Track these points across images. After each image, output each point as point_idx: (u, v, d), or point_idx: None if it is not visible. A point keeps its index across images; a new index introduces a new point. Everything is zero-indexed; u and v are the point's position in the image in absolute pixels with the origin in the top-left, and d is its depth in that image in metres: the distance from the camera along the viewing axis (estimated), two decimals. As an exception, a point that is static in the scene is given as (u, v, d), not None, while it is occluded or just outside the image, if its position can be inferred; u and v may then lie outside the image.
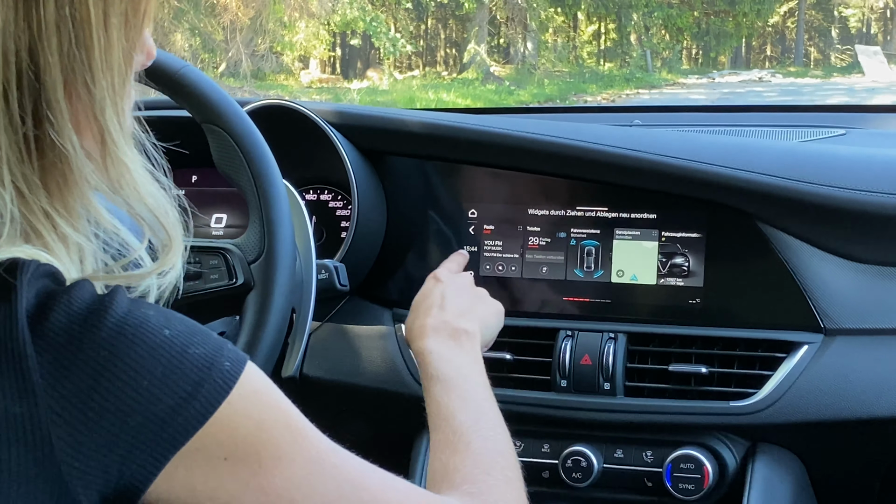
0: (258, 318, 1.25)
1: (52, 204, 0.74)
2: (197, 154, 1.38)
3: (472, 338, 1.24)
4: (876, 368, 1.39)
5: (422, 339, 1.23)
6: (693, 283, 1.51)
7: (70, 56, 0.72)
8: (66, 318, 0.69)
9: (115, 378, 0.69)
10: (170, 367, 0.71)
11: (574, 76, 23.03)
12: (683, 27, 28.02)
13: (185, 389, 0.71)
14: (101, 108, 0.74)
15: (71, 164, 0.73)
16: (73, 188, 0.75)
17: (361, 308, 1.65)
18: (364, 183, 1.59)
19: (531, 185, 1.60)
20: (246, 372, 0.75)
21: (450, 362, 1.18)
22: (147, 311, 0.73)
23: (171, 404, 0.70)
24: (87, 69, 0.73)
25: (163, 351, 0.71)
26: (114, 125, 0.75)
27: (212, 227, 1.74)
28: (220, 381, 0.73)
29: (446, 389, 1.14)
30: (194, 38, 17.05)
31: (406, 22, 24.12)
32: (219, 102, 1.29)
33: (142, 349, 0.70)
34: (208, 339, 0.75)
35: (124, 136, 0.77)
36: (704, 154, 1.49)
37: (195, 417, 0.71)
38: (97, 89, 0.73)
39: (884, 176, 1.46)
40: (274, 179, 1.29)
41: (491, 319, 1.35)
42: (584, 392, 1.48)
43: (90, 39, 0.72)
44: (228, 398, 0.73)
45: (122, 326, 0.70)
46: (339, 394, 1.60)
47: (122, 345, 0.69)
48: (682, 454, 1.43)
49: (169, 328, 0.72)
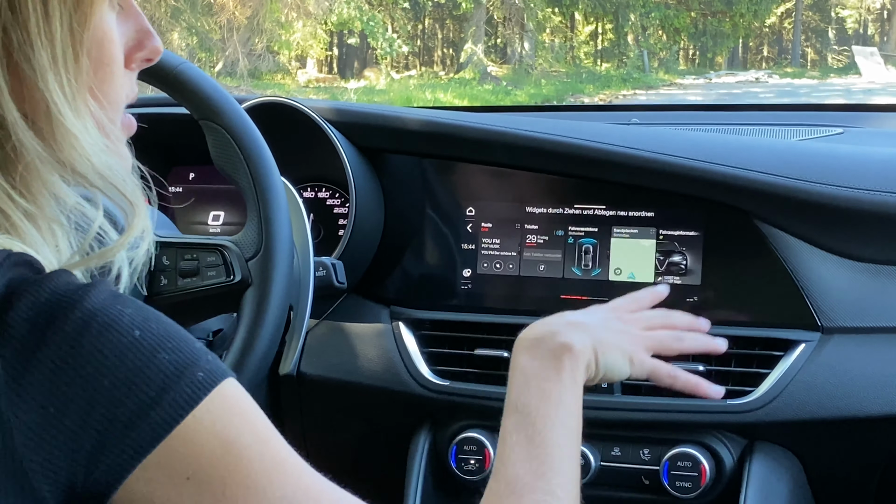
0: (256, 315, 1.25)
1: (11, 183, 0.73)
2: (195, 151, 1.38)
3: (575, 358, 1.05)
4: (873, 366, 1.40)
5: (519, 351, 1.07)
6: (691, 282, 1.51)
7: (5, 27, 0.71)
8: (32, 310, 0.66)
9: (76, 375, 0.66)
10: (133, 370, 0.67)
11: (571, 76, 23.03)
12: (680, 28, 28.03)
13: (149, 395, 0.67)
14: (43, 80, 0.72)
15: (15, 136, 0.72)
16: (28, 164, 0.74)
17: (359, 306, 1.64)
18: (362, 180, 1.59)
19: (529, 183, 1.60)
20: (222, 387, 0.71)
21: (536, 389, 1.02)
22: (123, 308, 0.69)
23: (133, 409, 0.67)
24: (25, 39, 0.71)
25: (128, 352, 0.67)
26: (58, 96, 0.73)
27: (209, 224, 1.74)
28: (187, 390, 0.69)
29: (520, 426, 0.98)
30: (191, 37, 17.04)
31: (403, 22, 24.10)
32: (217, 100, 1.29)
33: (106, 348, 0.67)
34: (184, 347, 0.70)
35: (74, 109, 0.75)
36: (702, 152, 1.49)
37: (159, 426, 0.67)
38: (36, 60, 0.72)
39: (881, 174, 1.46)
40: (272, 177, 1.28)
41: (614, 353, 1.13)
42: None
43: (26, 10, 0.71)
44: (194, 411, 0.69)
45: (89, 322, 0.67)
46: (337, 391, 1.60)
47: (85, 341, 0.67)
48: (679, 452, 1.43)
49: (141, 329, 0.69)
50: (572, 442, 0.99)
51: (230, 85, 14.95)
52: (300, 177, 1.70)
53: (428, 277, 1.64)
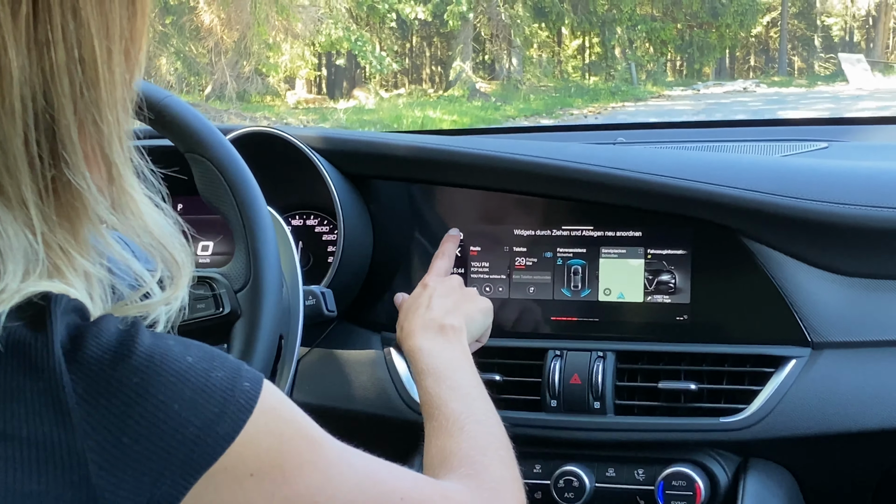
0: (246, 346, 1.24)
1: (69, 240, 0.76)
2: (182, 182, 1.38)
3: (458, 332, 1.33)
4: (864, 381, 1.40)
5: (411, 338, 1.32)
6: (680, 300, 1.51)
7: (81, 96, 0.73)
8: (98, 349, 0.71)
9: (147, 403, 0.71)
10: (197, 391, 0.74)
11: (560, 90, 23.11)
12: (667, 40, 28.16)
13: (213, 411, 0.74)
14: (108, 144, 0.76)
15: (84, 201, 0.75)
16: (86, 223, 0.77)
17: (350, 332, 1.64)
18: (349, 207, 1.59)
19: (517, 206, 1.60)
20: (265, 389, 0.79)
21: (439, 356, 1.27)
22: (167, 340, 0.76)
23: (200, 426, 0.73)
24: (96, 107, 0.74)
25: (189, 376, 0.74)
26: (120, 158, 0.77)
27: (198, 255, 1.74)
28: (242, 401, 0.76)
29: (437, 381, 1.22)
30: (179, 62, 17.06)
31: (391, 41, 24.18)
32: (201, 132, 1.29)
33: (171, 375, 0.73)
34: (227, 363, 0.78)
35: (130, 168, 0.79)
36: (688, 171, 1.50)
37: (223, 437, 0.74)
38: (105, 125, 0.75)
39: (866, 189, 1.47)
40: (258, 208, 1.28)
41: (477, 315, 1.42)
42: (575, 411, 1.48)
43: (97, 78, 0.74)
44: (252, 417, 0.76)
45: (151, 355, 0.73)
46: (330, 419, 1.57)
47: (152, 372, 0.72)
48: (673, 471, 1.42)
49: (191, 355, 0.75)
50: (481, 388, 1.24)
51: (220, 108, 14.96)
52: (288, 205, 1.70)
53: (418, 302, 1.63)
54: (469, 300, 1.43)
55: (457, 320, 1.35)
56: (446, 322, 1.33)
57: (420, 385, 1.25)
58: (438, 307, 1.37)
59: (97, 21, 0.73)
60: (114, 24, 0.75)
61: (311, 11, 17.45)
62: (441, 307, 1.37)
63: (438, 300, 1.39)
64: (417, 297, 1.42)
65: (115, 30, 0.75)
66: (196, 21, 16.49)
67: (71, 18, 0.72)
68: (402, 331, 1.37)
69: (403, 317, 1.40)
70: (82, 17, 0.72)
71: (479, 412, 1.18)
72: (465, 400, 1.19)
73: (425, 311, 1.36)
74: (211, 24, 16.08)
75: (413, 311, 1.38)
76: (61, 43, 0.71)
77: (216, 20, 15.96)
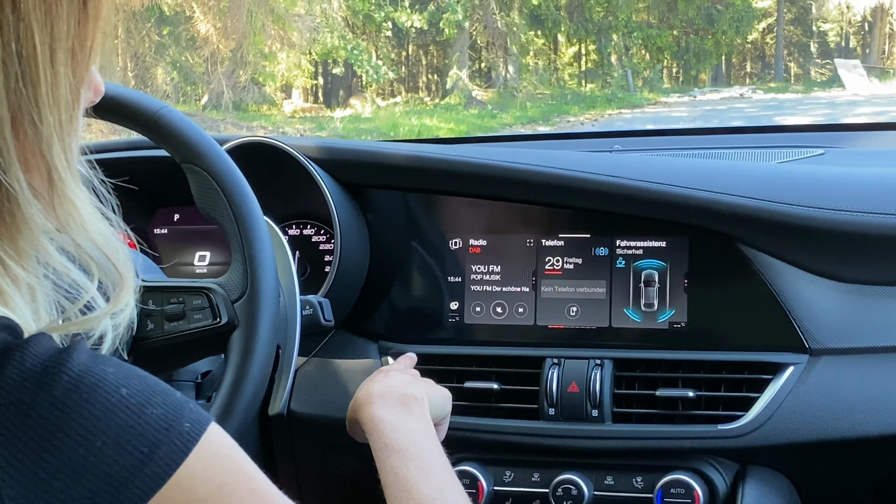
0: (243, 356, 1.24)
1: (2, 245, 0.73)
2: (179, 193, 1.38)
3: (420, 403, 1.22)
4: (862, 387, 1.40)
5: (369, 406, 1.21)
6: (677, 307, 1.51)
7: (17, 92, 0.70)
8: (19, 376, 0.67)
9: (67, 438, 0.66)
10: (125, 428, 0.68)
11: (556, 98, 23.12)
12: (663, 46, 28.19)
13: (141, 451, 0.68)
14: (48, 146, 0.72)
15: (19, 203, 0.72)
16: (22, 227, 0.73)
17: (347, 342, 1.64)
18: (346, 217, 1.59)
19: (513, 214, 1.60)
20: (208, 433, 0.72)
21: (402, 429, 1.16)
22: (105, 367, 0.70)
23: (127, 466, 0.67)
24: (34, 106, 0.71)
25: (118, 411, 0.68)
26: (61, 162, 0.73)
27: (195, 264, 1.73)
28: (178, 442, 0.70)
29: (403, 460, 1.12)
30: (175, 72, 17.07)
31: (387, 49, 24.18)
32: (198, 143, 1.29)
33: (96, 408, 0.67)
34: (168, 400, 0.72)
35: (72, 173, 0.75)
36: (684, 178, 1.50)
37: (152, 479, 0.68)
38: (44, 126, 0.72)
39: (862, 195, 1.47)
40: (255, 218, 1.28)
41: (436, 395, 1.31)
42: (573, 419, 1.47)
43: (37, 76, 0.70)
44: (187, 461, 0.70)
45: (77, 385, 0.68)
46: (328, 429, 1.60)
47: (75, 404, 0.67)
48: (672, 479, 1.42)
49: (127, 387, 0.70)
50: (447, 465, 1.14)
51: (216, 118, 14.97)
52: (285, 214, 1.70)
53: (415, 311, 1.64)
54: (428, 383, 1.33)
55: (418, 391, 1.24)
56: (407, 391, 1.23)
57: (382, 462, 1.13)
58: (397, 378, 1.27)
59: (40, 18, 0.70)
60: (60, 22, 0.71)
61: (307, 20, 17.47)
62: (400, 378, 1.27)
63: (397, 374, 1.29)
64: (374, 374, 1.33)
65: (62, 29, 0.72)
66: (192, 31, 16.50)
67: (10, 11, 0.69)
68: (356, 400, 1.25)
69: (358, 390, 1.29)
70: (22, 11, 0.69)
71: (450, 496, 1.09)
72: (437, 483, 1.09)
73: (383, 377, 1.27)
74: (207, 33, 16.10)
75: (369, 381, 1.29)
76: None
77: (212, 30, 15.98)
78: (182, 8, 16.11)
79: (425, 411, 1.22)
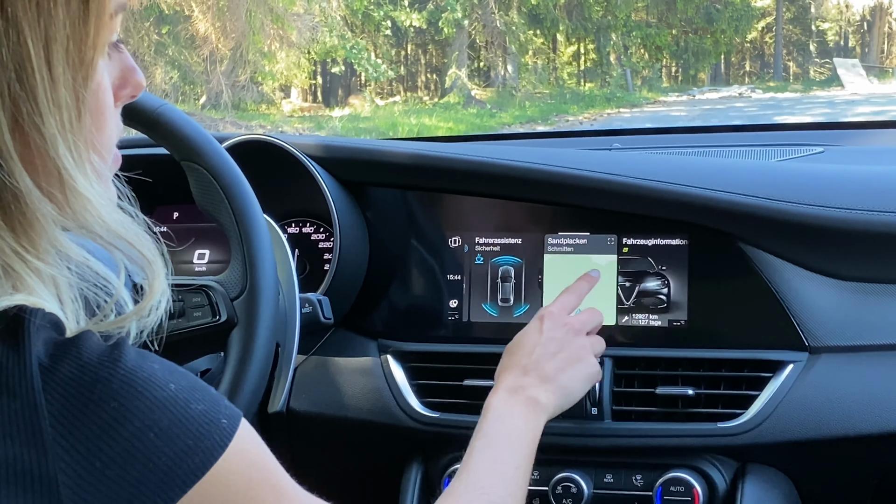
0: (243, 354, 1.25)
1: (20, 242, 0.74)
2: (178, 190, 1.38)
3: (542, 410, 1.27)
4: (861, 385, 1.40)
5: (495, 394, 1.28)
6: (677, 304, 1.51)
7: (14, 97, 0.71)
8: (77, 369, 0.70)
9: (123, 429, 0.70)
10: (174, 421, 0.73)
11: (555, 97, 23.14)
12: (662, 45, 28.19)
13: (187, 443, 0.73)
14: (53, 147, 0.73)
15: (28, 203, 0.73)
16: (36, 225, 0.75)
17: (347, 340, 1.64)
18: (345, 214, 1.59)
19: (512, 212, 1.60)
20: (240, 429, 0.78)
21: (504, 424, 1.22)
22: (153, 364, 0.74)
23: (173, 457, 0.72)
24: (34, 109, 0.72)
25: (169, 405, 0.73)
26: (68, 161, 0.74)
27: (195, 262, 1.73)
28: (217, 437, 0.75)
29: (485, 447, 1.19)
30: (174, 71, 17.07)
31: (386, 48, 24.17)
32: (197, 140, 1.29)
33: (150, 402, 0.72)
34: (208, 395, 0.77)
35: (81, 170, 0.76)
36: (684, 176, 1.50)
37: (193, 471, 0.73)
38: (46, 128, 0.72)
39: (861, 193, 1.47)
40: (254, 215, 1.29)
41: (576, 386, 1.34)
42: (572, 417, 1.46)
43: (32, 79, 0.71)
44: (224, 455, 0.75)
45: (132, 379, 0.72)
46: (328, 426, 1.60)
47: (132, 397, 0.71)
48: (671, 477, 1.42)
49: (174, 382, 0.74)
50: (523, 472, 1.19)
51: (215, 117, 14.97)
52: (284, 212, 1.70)
53: (415, 309, 1.64)
54: (577, 363, 1.34)
55: (549, 398, 1.28)
56: (537, 397, 1.27)
57: (472, 441, 1.20)
58: (540, 370, 1.30)
59: (31, 21, 0.71)
60: (53, 23, 0.72)
61: (306, 20, 17.45)
62: (542, 371, 1.30)
63: (545, 359, 1.31)
64: (526, 340, 1.35)
65: (56, 30, 0.72)
66: (191, 30, 16.48)
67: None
68: (498, 377, 1.32)
69: (507, 357, 1.34)
70: (11, 15, 0.70)
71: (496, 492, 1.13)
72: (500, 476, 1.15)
73: (522, 371, 1.30)
74: (206, 32, 16.08)
75: (516, 359, 1.32)
76: None
77: (211, 29, 15.96)
78: (181, 7, 16.10)
79: (541, 418, 1.26)
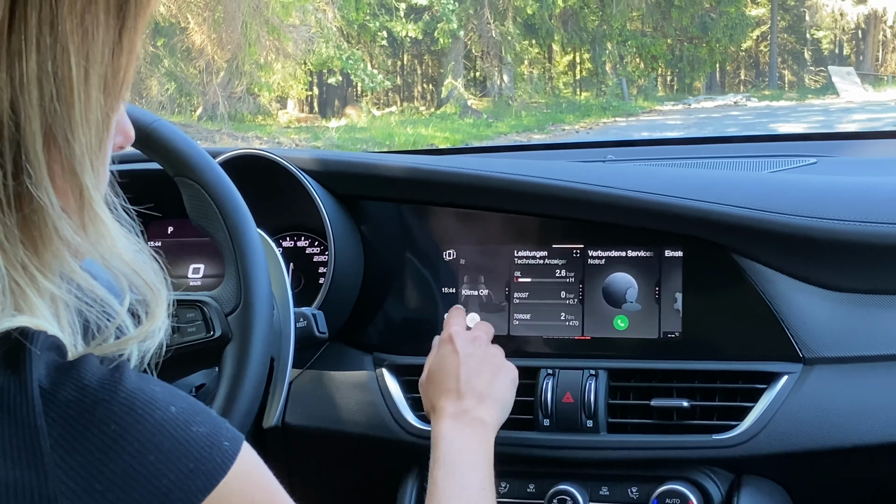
0: (237, 369, 1.24)
1: (30, 257, 0.74)
2: (172, 205, 1.38)
3: (488, 430, 1.33)
4: (856, 396, 1.40)
5: (440, 422, 1.32)
6: (671, 316, 1.51)
7: (50, 111, 0.72)
8: (78, 392, 0.70)
9: (123, 452, 0.70)
10: (175, 444, 0.72)
11: (551, 107, 23.17)
12: (657, 55, 28.26)
13: (188, 466, 0.73)
14: (80, 165, 0.74)
15: (47, 218, 0.73)
16: (49, 243, 0.75)
17: (342, 353, 1.64)
18: (340, 228, 1.59)
19: (507, 224, 1.60)
20: (242, 451, 0.77)
21: (459, 451, 1.28)
22: (154, 386, 0.74)
23: (174, 480, 0.72)
24: (67, 125, 0.73)
25: (169, 427, 0.73)
26: (91, 181, 0.75)
27: (189, 277, 1.73)
28: (219, 459, 0.75)
29: (448, 475, 1.24)
30: (171, 83, 17.08)
31: (382, 59, 24.22)
32: (191, 156, 1.29)
33: (151, 424, 0.72)
34: (209, 418, 0.77)
35: (99, 194, 0.77)
36: (677, 188, 1.50)
37: (194, 494, 0.73)
38: (77, 145, 0.73)
39: (855, 204, 1.47)
40: (248, 230, 1.29)
41: (508, 395, 1.41)
42: (567, 430, 1.47)
43: (71, 96, 0.72)
44: (226, 477, 0.75)
45: (133, 402, 0.72)
46: (323, 441, 1.60)
47: (133, 419, 0.71)
48: (667, 489, 1.42)
49: (175, 405, 0.74)
50: (489, 490, 1.25)
51: (211, 129, 14.96)
52: (279, 226, 1.70)
53: (410, 322, 1.64)
54: (500, 373, 1.41)
55: (491, 415, 1.35)
56: (480, 416, 1.33)
57: (431, 472, 1.25)
58: (472, 391, 1.36)
59: (77, 40, 0.72)
60: (95, 48, 0.74)
61: (302, 31, 17.48)
62: (475, 391, 1.36)
63: (471, 379, 1.37)
64: (446, 365, 1.40)
65: (97, 55, 0.74)
66: (187, 42, 16.52)
67: (48, 32, 0.71)
68: (433, 407, 1.36)
69: (431, 384, 1.39)
70: (59, 32, 0.71)
71: None
72: (469, 500, 1.21)
73: (457, 397, 1.35)
74: (202, 44, 16.10)
75: (444, 386, 1.37)
76: (34, 54, 0.70)
77: (207, 41, 15.99)
78: (177, 19, 16.13)
79: (490, 436, 1.33)
